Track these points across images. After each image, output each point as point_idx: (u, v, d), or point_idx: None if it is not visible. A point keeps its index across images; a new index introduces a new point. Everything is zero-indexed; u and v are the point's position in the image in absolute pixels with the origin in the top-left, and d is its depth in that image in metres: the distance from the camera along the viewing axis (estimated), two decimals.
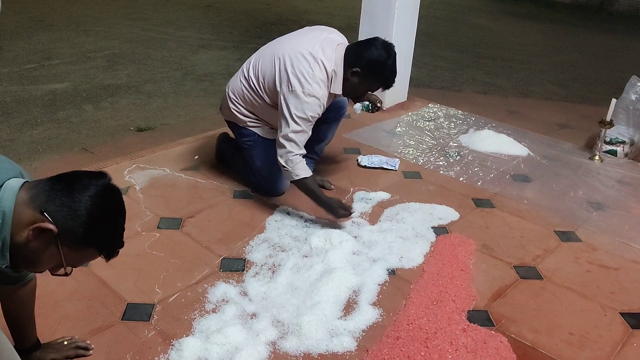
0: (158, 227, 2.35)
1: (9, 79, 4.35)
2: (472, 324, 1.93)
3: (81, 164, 2.90)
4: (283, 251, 2.26)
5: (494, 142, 3.41)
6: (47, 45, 5.25)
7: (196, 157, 3.01)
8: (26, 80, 4.34)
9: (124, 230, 1.30)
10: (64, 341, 1.72)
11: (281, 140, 2.37)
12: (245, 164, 2.69)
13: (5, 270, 1.46)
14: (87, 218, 1.18)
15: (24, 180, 1.23)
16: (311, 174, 2.44)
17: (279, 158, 2.39)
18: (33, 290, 1.58)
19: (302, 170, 2.39)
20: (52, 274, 1.29)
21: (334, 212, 2.40)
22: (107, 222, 1.24)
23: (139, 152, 3.04)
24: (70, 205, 1.17)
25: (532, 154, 3.38)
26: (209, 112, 3.92)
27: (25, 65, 4.68)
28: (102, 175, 1.25)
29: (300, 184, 2.42)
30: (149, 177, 2.76)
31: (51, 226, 1.16)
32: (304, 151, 2.40)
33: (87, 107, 3.89)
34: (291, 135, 2.34)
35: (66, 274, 1.27)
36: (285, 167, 2.39)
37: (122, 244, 1.30)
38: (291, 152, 2.36)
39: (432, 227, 2.49)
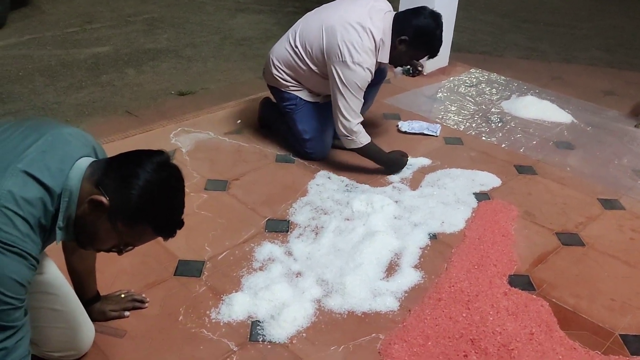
0: (205, 189, 2.42)
1: (53, 42, 4.45)
2: (513, 287, 1.96)
3: (126, 127, 2.98)
4: (325, 214, 2.31)
5: (537, 109, 3.36)
6: (87, 9, 5.32)
7: (239, 121, 3.06)
8: (69, 44, 4.43)
9: (181, 210, 1.28)
10: (121, 294, 1.81)
11: (339, 112, 2.45)
12: (288, 128, 2.73)
13: None
14: (139, 192, 1.18)
15: (92, 159, 1.27)
16: (370, 139, 2.53)
17: (340, 129, 2.48)
18: None
19: (363, 137, 2.50)
20: (119, 253, 1.30)
21: (399, 166, 2.62)
22: (160, 198, 1.22)
23: (183, 115, 3.10)
24: (124, 179, 1.19)
25: (576, 121, 3.32)
26: (248, 76, 3.95)
27: (68, 29, 4.76)
28: (159, 152, 1.26)
29: (364, 150, 2.54)
30: (194, 140, 2.83)
31: (103, 199, 1.18)
32: (361, 118, 2.49)
33: (129, 71, 3.96)
34: (348, 105, 2.43)
35: (120, 251, 1.28)
36: (348, 137, 2.48)
37: (180, 223, 1.28)
38: (351, 122, 2.45)
39: (473, 193, 2.50)
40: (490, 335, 1.75)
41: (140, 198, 1.19)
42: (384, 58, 2.47)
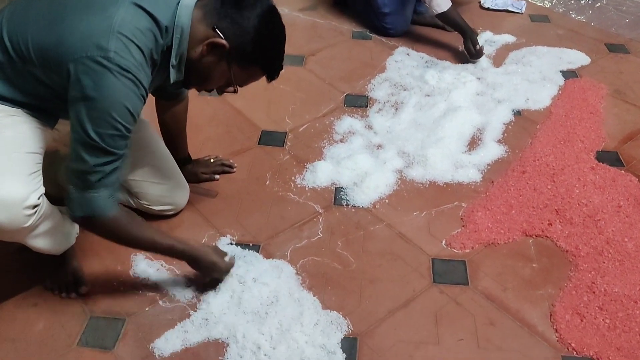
0: None
1: None
2: (600, 163, 1.91)
3: None
4: (405, 90, 2.27)
5: None
6: None
7: None
8: None
9: (284, 53, 1.34)
10: (210, 158, 1.89)
11: None
12: (366, 3, 2.63)
13: (168, 88, 1.59)
14: (255, 35, 1.22)
15: (195, 0, 1.27)
16: (451, 4, 2.39)
17: None
18: (186, 108, 1.72)
19: (437, 6, 2.37)
20: (220, 93, 1.38)
21: (473, 41, 2.37)
22: (272, 41, 1.28)
23: None
24: (240, 23, 1.21)
25: None
26: None
27: None
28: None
29: (442, 17, 2.43)
30: None
31: (223, 41, 1.21)
32: None
33: None
34: None
35: (235, 91, 1.35)
36: (425, 3, 2.40)
37: (282, 66, 1.35)
38: None
39: (560, 71, 2.38)
40: (576, 206, 1.73)
41: (256, 42, 1.23)
42: None
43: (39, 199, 1.22)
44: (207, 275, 1.47)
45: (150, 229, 1.38)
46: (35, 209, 1.21)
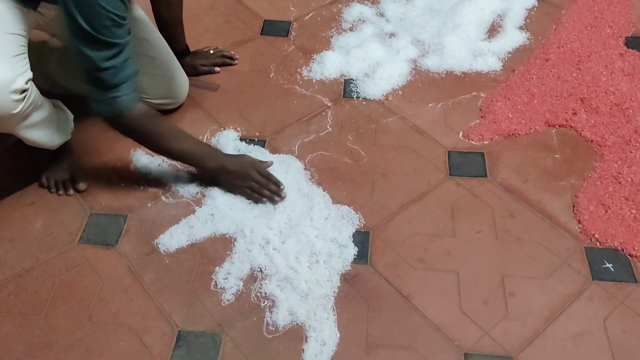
0: None
1: None
2: (630, 49, 1.77)
3: None
4: None
5: None
6: None
7: None
8: None
9: None
10: (210, 50, 1.76)
11: None
12: None
13: None
14: None
15: None
16: None
17: None
18: None
19: None
20: None
21: None
22: None
23: None
24: None
25: None
26: None
27: None
28: None
29: None
30: None
31: None
32: None
33: None
34: None
35: None
36: None
37: None
38: None
39: None
40: (603, 94, 1.62)
41: None
42: None
43: (26, 83, 1.12)
44: (233, 183, 1.38)
45: (175, 128, 1.38)
46: (24, 94, 1.12)
